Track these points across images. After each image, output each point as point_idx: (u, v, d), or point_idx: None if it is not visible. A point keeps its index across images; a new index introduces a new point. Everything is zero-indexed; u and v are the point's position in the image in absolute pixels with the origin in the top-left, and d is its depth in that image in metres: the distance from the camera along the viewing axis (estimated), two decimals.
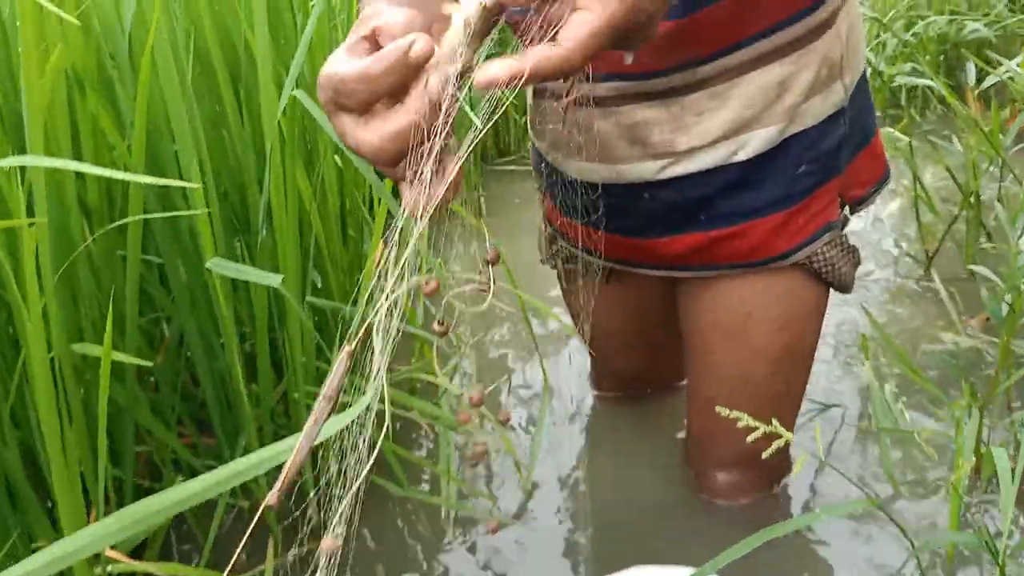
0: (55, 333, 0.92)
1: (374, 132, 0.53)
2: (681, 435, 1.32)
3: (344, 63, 0.54)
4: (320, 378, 1.22)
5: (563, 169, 1.05)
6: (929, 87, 2.64)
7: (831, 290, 1.06)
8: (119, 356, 0.94)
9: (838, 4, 0.93)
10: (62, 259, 0.97)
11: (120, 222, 0.90)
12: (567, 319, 1.39)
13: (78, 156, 1.07)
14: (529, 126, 1.18)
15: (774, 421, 0.82)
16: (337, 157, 1.32)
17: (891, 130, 1.84)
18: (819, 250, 1.01)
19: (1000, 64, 1.92)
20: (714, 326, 1.06)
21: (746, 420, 0.77)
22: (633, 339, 1.32)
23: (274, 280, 0.90)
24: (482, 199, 2.30)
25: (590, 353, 1.39)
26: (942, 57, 2.81)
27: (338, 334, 1.27)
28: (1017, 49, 2.86)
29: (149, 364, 0.92)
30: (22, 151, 0.98)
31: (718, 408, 1.09)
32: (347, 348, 0.46)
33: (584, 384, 1.47)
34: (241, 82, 1.15)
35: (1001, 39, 2.81)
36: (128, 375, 1.02)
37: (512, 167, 2.56)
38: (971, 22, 2.74)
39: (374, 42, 0.57)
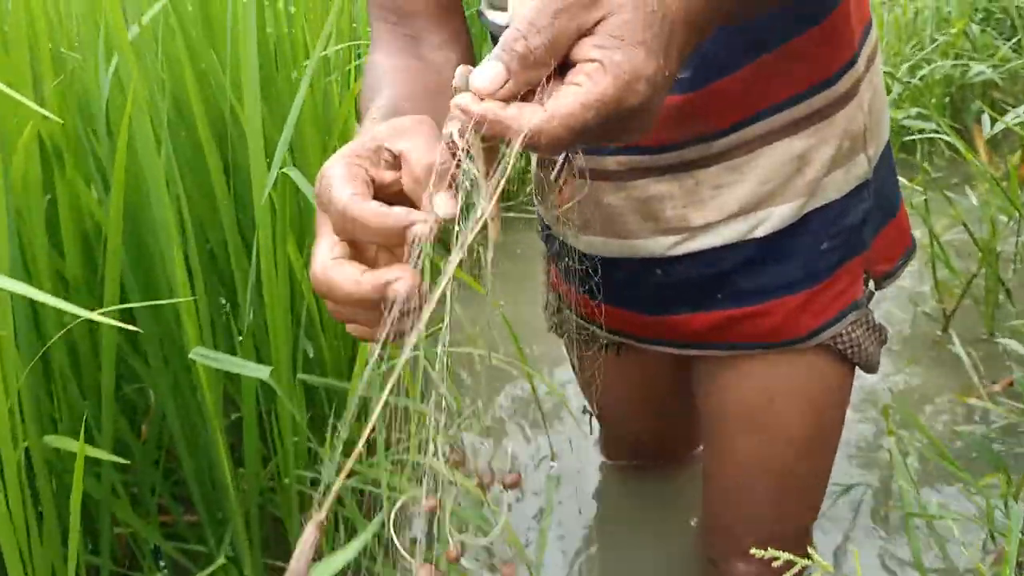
0: (27, 423, 0.86)
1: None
2: (695, 521, 1.25)
3: (337, 269, 0.52)
4: (313, 461, 1.15)
5: (569, 242, 0.99)
6: (936, 130, 2.60)
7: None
8: (94, 452, 0.88)
9: (860, 73, 0.88)
10: (35, 343, 0.91)
11: (99, 312, 0.83)
12: (568, 385, 1.32)
13: (55, 226, 1.01)
14: (534, 192, 1.12)
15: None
16: None
17: (903, 180, 1.79)
18: (844, 330, 0.94)
19: (1007, 108, 1.87)
20: (733, 410, 1.00)
21: (760, 553, 0.70)
22: (643, 408, 1.26)
23: (262, 372, 0.83)
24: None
25: (598, 418, 1.33)
26: (948, 99, 2.77)
27: (332, 410, 1.20)
28: (1022, 90, 2.82)
29: (126, 462, 0.84)
30: None
31: (738, 496, 1.04)
32: (315, 520, 0.40)
33: (591, 449, 1.40)
34: (228, 147, 1.09)
35: (1007, 81, 2.78)
36: (104, 466, 0.95)
37: (513, 213, 2.50)
38: (976, 65, 2.71)
39: (369, 182, 0.54)
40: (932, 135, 2.28)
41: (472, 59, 0.87)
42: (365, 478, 1.08)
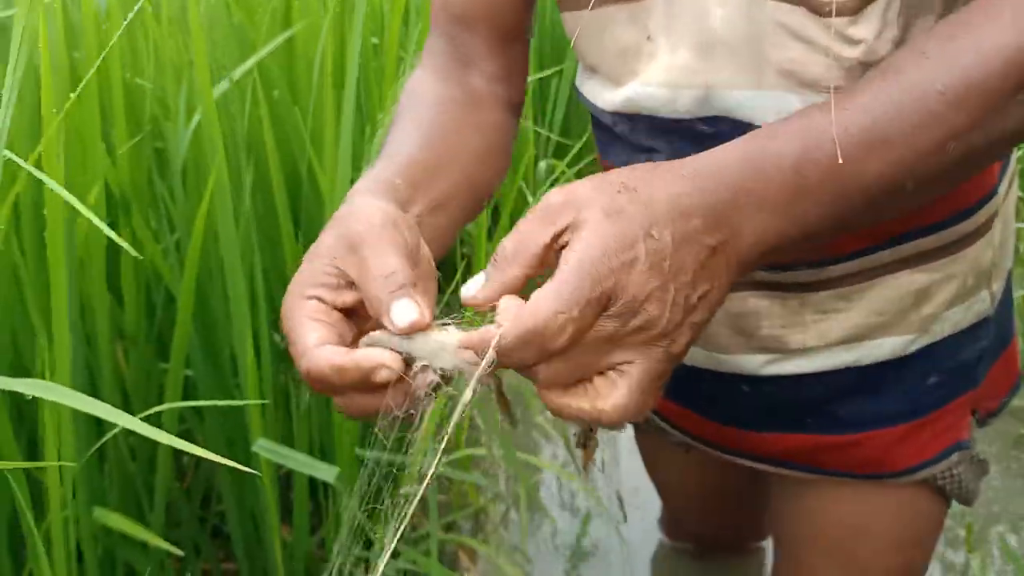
0: (79, 500, 0.82)
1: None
2: None
3: (320, 354, 0.48)
4: (364, 534, 1.11)
5: None
6: None
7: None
8: (145, 535, 0.84)
9: (997, 206, 0.81)
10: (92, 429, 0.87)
11: (157, 408, 0.79)
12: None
13: (114, 278, 0.97)
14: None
15: None
16: None
17: None
18: (945, 468, 0.88)
19: None
20: (814, 538, 0.93)
21: None
22: (711, 502, 1.20)
23: (329, 475, 0.79)
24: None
25: (662, 499, 1.27)
26: None
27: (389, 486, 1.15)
28: None
29: (178, 552, 0.81)
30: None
31: None
32: None
33: (653, 527, 1.35)
34: (301, 208, 1.05)
35: None
36: (153, 548, 0.91)
37: None
38: None
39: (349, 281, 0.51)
40: None
41: (522, 96, 0.81)
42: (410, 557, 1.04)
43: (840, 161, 0.47)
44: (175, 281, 0.96)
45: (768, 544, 1.29)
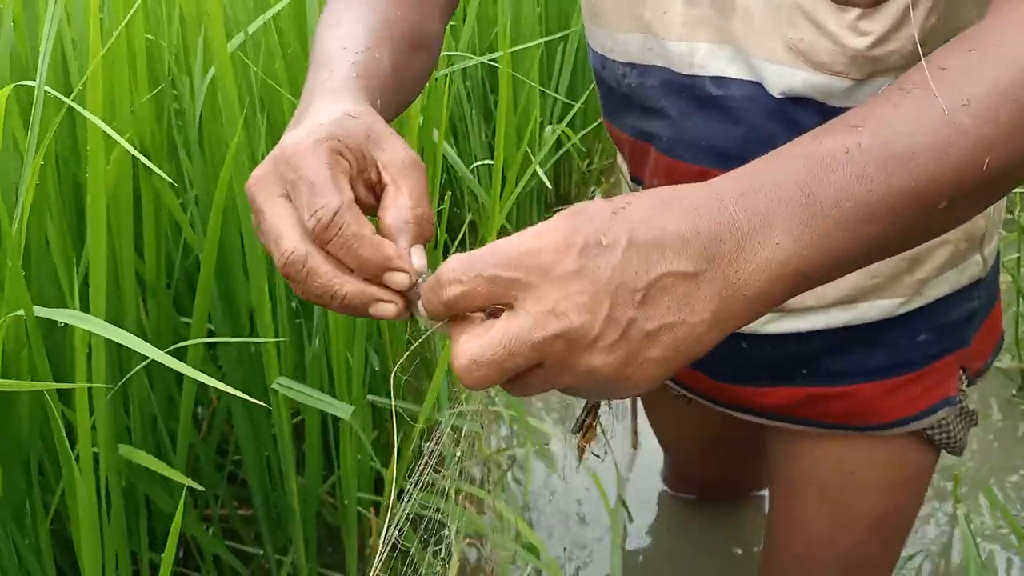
0: (103, 435, 0.86)
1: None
2: (756, 549, 1.23)
3: (361, 220, 0.47)
4: (377, 481, 1.15)
5: None
6: None
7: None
8: (166, 471, 0.88)
9: None
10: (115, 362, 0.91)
11: (183, 343, 0.83)
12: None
13: (139, 235, 1.00)
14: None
15: None
16: None
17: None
18: (934, 422, 0.90)
19: None
20: (807, 482, 0.96)
21: None
22: (712, 451, 1.23)
23: (344, 412, 0.82)
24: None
25: (664, 452, 1.31)
26: None
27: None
28: None
29: (199, 487, 0.84)
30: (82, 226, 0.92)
31: (799, 568, 1.01)
32: None
33: (656, 479, 1.39)
34: None
35: None
36: (176, 486, 0.95)
37: None
38: None
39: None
40: None
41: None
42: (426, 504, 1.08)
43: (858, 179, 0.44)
44: (193, 235, 1.00)
45: (767, 493, 1.33)
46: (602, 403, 1.04)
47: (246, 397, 0.66)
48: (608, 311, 0.40)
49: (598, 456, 1.14)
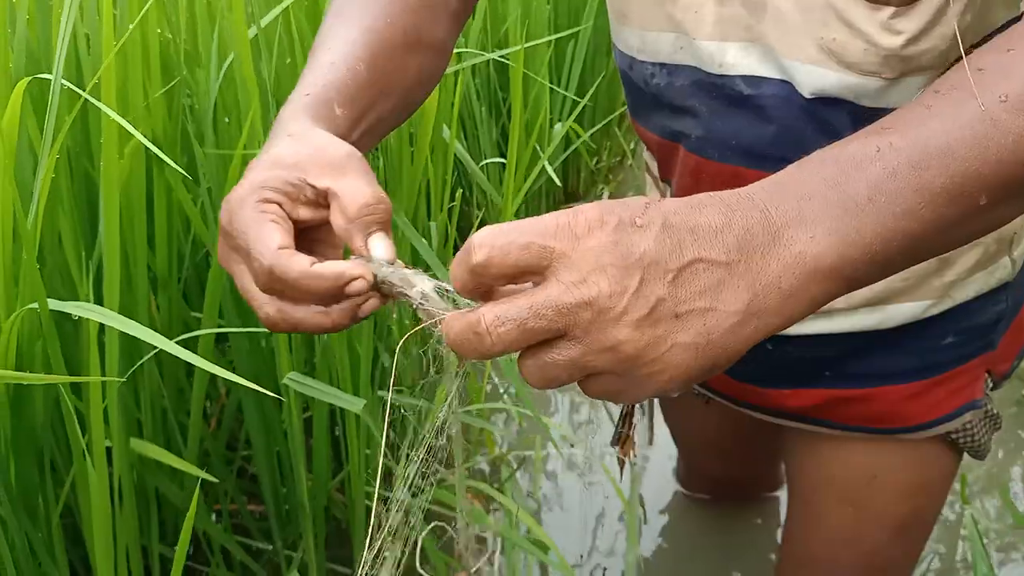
0: (115, 428, 0.86)
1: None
2: (773, 556, 1.23)
3: (292, 258, 0.49)
4: (385, 475, 1.15)
5: None
6: None
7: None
8: (179, 463, 0.88)
9: None
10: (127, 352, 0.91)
11: (194, 333, 0.83)
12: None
13: (151, 229, 1.00)
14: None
15: None
16: None
17: None
18: (959, 425, 0.89)
19: None
20: (828, 483, 0.95)
21: None
22: (728, 452, 1.22)
23: (356, 406, 0.82)
24: None
25: (679, 452, 1.30)
26: None
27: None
28: None
29: (212, 479, 0.84)
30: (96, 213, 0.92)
31: (818, 569, 1.00)
32: None
33: (670, 478, 1.39)
34: None
35: None
36: (187, 480, 0.95)
37: None
38: None
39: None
40: None
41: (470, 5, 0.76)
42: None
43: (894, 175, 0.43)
44: (205, 229, 1.00)
45: (782, 494, 1.33)
46: (636, 412, 1.03)
47: (260, 389, 0.66)
48: (639, 285, 0.40)
49: (634, 464, 1.13)
